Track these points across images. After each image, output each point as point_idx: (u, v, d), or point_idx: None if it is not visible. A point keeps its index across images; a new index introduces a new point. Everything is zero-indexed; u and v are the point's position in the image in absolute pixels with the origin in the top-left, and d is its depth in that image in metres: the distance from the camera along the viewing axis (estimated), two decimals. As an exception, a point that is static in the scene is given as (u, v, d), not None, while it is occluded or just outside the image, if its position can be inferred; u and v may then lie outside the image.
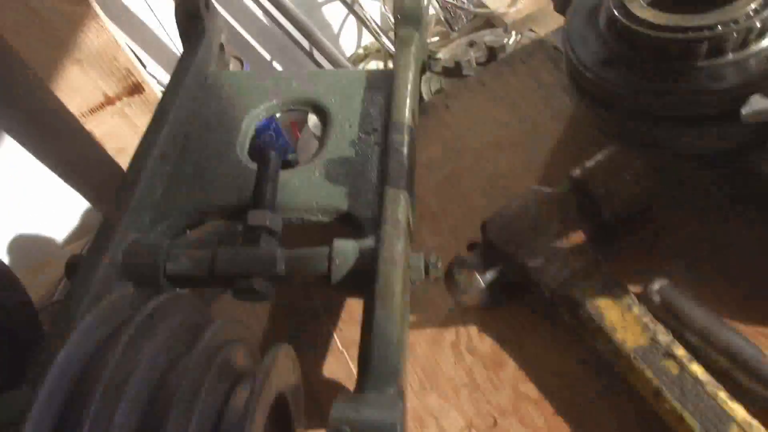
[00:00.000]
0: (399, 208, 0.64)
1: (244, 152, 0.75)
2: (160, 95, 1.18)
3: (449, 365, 0.67)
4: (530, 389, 0.64)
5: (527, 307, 0.68)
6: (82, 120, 1.32)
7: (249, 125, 0.79)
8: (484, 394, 0.64)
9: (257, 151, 0.73)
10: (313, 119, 1.65)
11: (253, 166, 0.72)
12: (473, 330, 0.69)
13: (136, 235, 0.64)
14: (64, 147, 1.50)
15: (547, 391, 0.63)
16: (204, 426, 0.42)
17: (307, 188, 0.71)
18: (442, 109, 0.91)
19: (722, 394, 0.54)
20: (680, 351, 0.57)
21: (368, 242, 0.63)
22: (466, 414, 0.63)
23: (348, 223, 0.69)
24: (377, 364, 0.52)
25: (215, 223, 0.74)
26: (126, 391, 0.40)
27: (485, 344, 0.68)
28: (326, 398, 0.63)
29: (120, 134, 1.36)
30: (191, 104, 0.79)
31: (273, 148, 0.85)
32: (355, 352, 0.55)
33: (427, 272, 0.63)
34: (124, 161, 1.35)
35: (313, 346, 0.72)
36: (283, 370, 0.48)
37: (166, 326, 0.46)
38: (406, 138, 0.71)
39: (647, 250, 0.67)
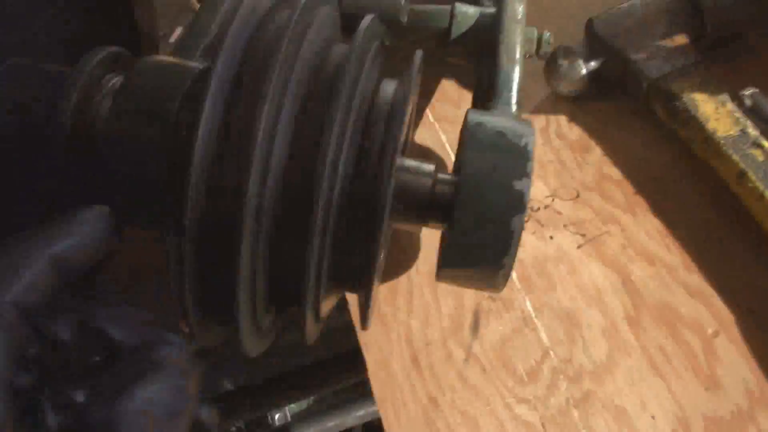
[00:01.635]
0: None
1: None
2: None
3: (540, 145, 0.71)
4: (613, 171, 0.68)
5: (617, 103, 0.72)
6: None
7: None
8: (569, 171, 0.69)
9: None
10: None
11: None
12: (563, 119, 0.73)
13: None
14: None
15: (630, 173, 0.68)
16: (362, 104, 0.44)
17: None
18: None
19: (803, 180, 0.59)
20: (767, 143, 0.62)
21: (488, 9, 0.66)
22: (550, 185, 0.68)
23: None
24: (501, 95, 0.56)
25: None
26: (295, 69, 0.41)
27: (573, 132, 0.72)
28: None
29: None
30: None
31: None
32: (445, 126, 0.59)
33: (539, 46, 0.66)
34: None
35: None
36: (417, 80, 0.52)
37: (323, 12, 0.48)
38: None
39: (743, 65, 0.71)
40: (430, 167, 0.48)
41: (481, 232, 0.44)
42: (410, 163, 0.48)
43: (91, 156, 0.49)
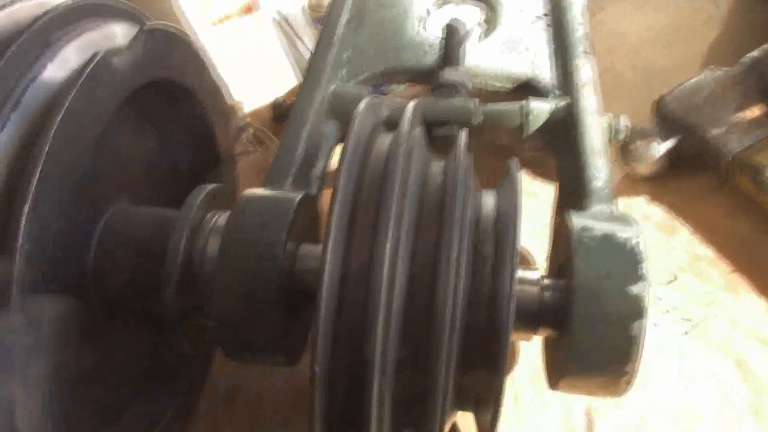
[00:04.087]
0: (586, 70, 0.67)
1: (421, 26, 0.79)
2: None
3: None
4: (704, 250, 0.67)
5: (697, 179, 0.71)
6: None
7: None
8: (660, 254, 0.67)
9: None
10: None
11: (432, 37, 0.76)
12: (644, 200, 0.72)
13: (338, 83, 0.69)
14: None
15: (722, 251, 0.66)
16: (468, 220, 0.43)
17: (489, 58, 0.74)
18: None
19: None
20: None
21: (559, 102, 0.67)
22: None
23: (528, 91, 0.72)
24: (595, 188, 0.55)
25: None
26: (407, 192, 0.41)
27: (657, 212, 0.71)
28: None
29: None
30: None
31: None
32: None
33: (616, 132, 0.66)
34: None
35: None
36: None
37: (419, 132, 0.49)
38: (579, 16, 0.75)
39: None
40: (536, 275, 0.47)
41: (600, 340, 0.43)
42: (522, 273, 0.48)
43: (198, 293, 0.50)
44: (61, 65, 0.45)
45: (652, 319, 0.59)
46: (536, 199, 0.72)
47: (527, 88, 0.73)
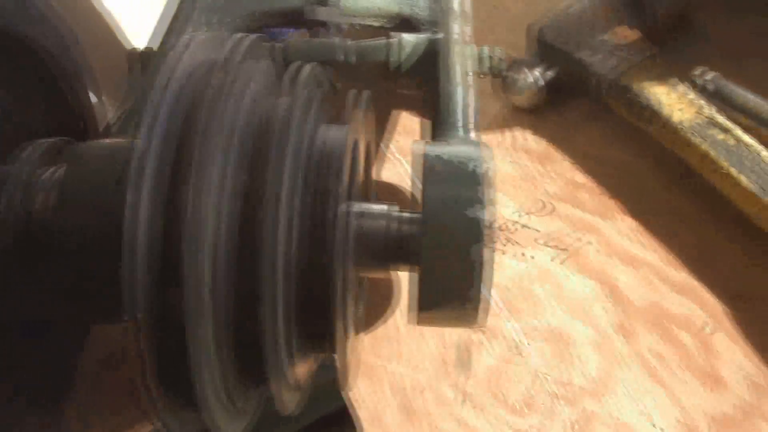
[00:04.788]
0: (457, 2, 0.66)
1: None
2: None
3: (505, 164, 0.70)
4: (582, 178, 0.67)
5: (577, 108, 0.71)
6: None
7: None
8: (539, 185, 0.67)
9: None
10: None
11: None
12: (526, 132, 0.72)
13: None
14: None
15: (599, 178, 0.66)
16: (307, 154, 0.42)
17: (366, -4, 0.72)
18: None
19: (774, 158, 0.57)
20: (731, 124, 0.60)
21: (430, 35, 0.65)
22: (522, 202, 0.66)
23: (407, 28, 0.71)
24: (451, 120, 0.55)
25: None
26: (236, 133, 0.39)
27: (538, 144, 0.71)
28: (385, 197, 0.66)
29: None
30: None
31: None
32: (411, 159, 0.57)
33: (492, 65, 0.65)
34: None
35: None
36: (367, 117, 0.50)
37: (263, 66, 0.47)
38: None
39: (697, 51, 0.70)
40: (386, 209, 0.46)
41: (445, 268, 0.42)
42: (368, 207, 0.47)
43: (39, 249, 0.48)
44: None
45: (527, 250, 0.59)
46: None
47: (407, 26, 0.71)
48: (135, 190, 0.36)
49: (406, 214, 0.45)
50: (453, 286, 0.42)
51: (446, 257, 0.42)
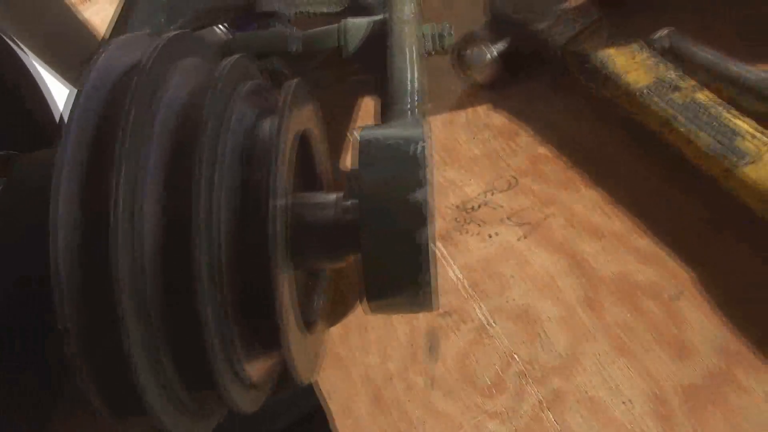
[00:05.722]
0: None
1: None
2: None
3: (467, 141, 0.69)
4: (545, 150, 0.65)
5: (537, 80, 0.69)
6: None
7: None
8: (502, 161, 0.66)
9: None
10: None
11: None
12: (485, 108, 0.70)
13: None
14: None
15: (562, 149, 0.65)
16: (235, 146, 0.42)
17: (312, -19, 0.71)
18: None
19: (729, 114, 0.56)
20: (687, 83, 0.59)
21: (377, 17, 0.64)
22: (485, 180, 0.65)
23: (357, 12, 0.69)
24: (397, 102, 0.53)
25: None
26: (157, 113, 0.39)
27: (498, 119, 0.69)
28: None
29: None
30: None
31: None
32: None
33: (441, 42, 0.63)
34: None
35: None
36: (306, 106, 0.49)
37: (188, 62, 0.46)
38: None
39: (648, 10, 0.68)
40: (329, 197, 0.45)
41: (391, 255, 0.41)
42: (310, 197, 0.46)
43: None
44: None
45: (491, 229, 0.58)
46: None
47: (358, 9, 0.70)
48: (53, 200, 0.35)
49: (349, 203, 0.44)
50: (401, 273, 0.41)
51: (390, 243, 0.41)
